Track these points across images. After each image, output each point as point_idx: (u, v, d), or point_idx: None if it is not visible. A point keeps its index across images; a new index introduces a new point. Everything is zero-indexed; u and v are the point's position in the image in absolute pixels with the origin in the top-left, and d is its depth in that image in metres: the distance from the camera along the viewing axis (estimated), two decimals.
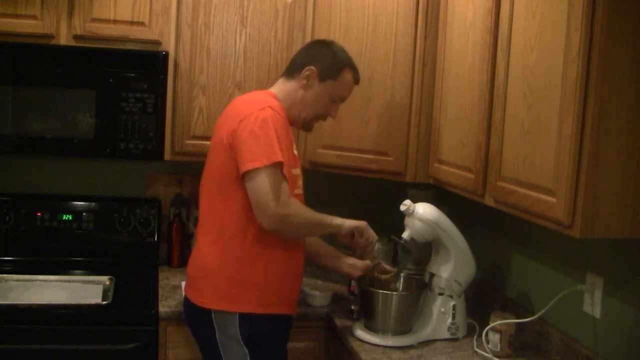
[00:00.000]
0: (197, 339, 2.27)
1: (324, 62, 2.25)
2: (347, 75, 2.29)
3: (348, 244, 2.33)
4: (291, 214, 2.07)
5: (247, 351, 2.13)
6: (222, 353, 2.15)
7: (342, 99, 2.34)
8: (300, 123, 2.32)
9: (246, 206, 2.09)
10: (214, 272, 2.15)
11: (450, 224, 2.36)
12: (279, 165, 2.04)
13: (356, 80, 2.34)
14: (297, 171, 2.23)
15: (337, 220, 2.25)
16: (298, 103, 2.26)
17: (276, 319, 2.19)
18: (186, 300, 2.26)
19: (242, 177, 2.06)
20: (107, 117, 2.66)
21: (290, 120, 2.27)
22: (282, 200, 2.04)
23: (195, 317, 2.22)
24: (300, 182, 2.25)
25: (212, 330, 2.15)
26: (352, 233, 2.27)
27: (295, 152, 2.23)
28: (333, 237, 2.36)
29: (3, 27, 2.58)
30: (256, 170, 2.02)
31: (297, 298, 2.29)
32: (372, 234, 2.32)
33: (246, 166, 2.03)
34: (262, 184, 2.02)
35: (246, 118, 2.08)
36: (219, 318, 2.14)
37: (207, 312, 2.15)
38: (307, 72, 2.24)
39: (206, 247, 2.18)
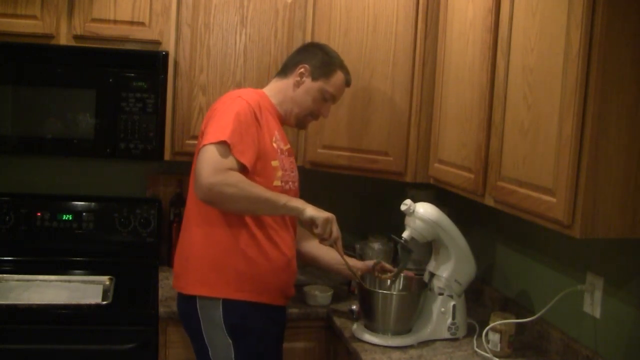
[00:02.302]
0: (187, 333, 2.28)
1: (316, 61, 2.32)
2: (339, 76, 2.36)
3: (312, 232, 2.22)
4: (222, 183, 1.99)
5: (231, 342, 2.13)
6: (208, 345, 2.16)
7: (334, 99, 2.38)
8: (293, 120, 2.35)
9: None
10: (194, 257, 2.18)
11: (451, 224, 2.36)
12: (224, 145, 2.02)
13: (347, 82, 2.40)
14: (276, 163, 2.20)
15: (295, 203, 2.12)
16: (290, 99, 2.32)
17: (258, 307, 2.17)
18: (177, 294, 2.28)
19: None
20: (107, 117, 2.67)
21: (282, 117, 2.32)
22: (215, 171, 1.99)
23: (184, 308, 2.23)
24: (280, 174, 2.20)
25: (198, 321, 2.16)
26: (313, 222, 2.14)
27: (276, 144, 2.22)
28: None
29: (3, 27, 2.58)
30: (203, 146, 2.03)
31: (284, 289, 2.26)
32: (334, 230, 2.16)
33: (199, 146, 2.07)
34: (201, 158, 2.02)
35: (217, 108, 2.15)
36: (204, 305, 2.15)
37: (192, 301, 2.16)
38: (300, 70, 2.31)
39: (188, 234, 2.22)
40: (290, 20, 2.79)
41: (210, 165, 2.00)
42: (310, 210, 2.12)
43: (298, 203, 2.13)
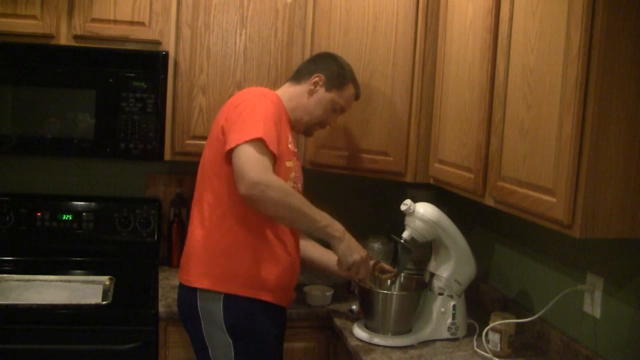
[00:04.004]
0: (187, 330, 2.27)
1: (331, 72, 2.36)
2: (350, 89, 2.41)
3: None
4: (269, 185, 1.99)
5: (231, 341, 2.13)
6: (207, 344, 2.16)
7: (343, 111, 2.43)
8: (302, 127, 2.38)
9: (233, 189, 2.10)
10: (200, 251, 2.17)
11: (451, 224, 2.36)
12: (261, 141, 2.03)
13: (357, 96, 2.45)
14: (290, 164, 2.22)
15: (333, 232, 2.12)
16: (301, 107, 2.34)
17: (260, 305, 2.16)
18: (179, 288, 2.27)
19: (228, 157, 2.07)
20: (107, 117, 2.67)
21: (291, 123, 2.33)
22: (260, 169, 2.00)
23: (184, 301, 2.23)
24: (293, 175, 2.24)
25: (198, 318, 2.16)
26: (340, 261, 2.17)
27: (291, 146, 2.24)
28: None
29: (3, 27, 2.58)
30: (238, 146, 2.02)
31: (287, 290, 2.26)
32: (360, 271, 2.17)
33: (230, 145, 2.05)
34: (242, 155, 2.01)
35: (241, 103, 2.14)
36: (204, 300, 2.14)
37: (193, 295, 2.16)
38: (315, 79, 2.34)
39: (195, 228, 2.21)
40: (290, 20, 2.79)
41: (254, 162, 2.00)
42: (344, 248, 2.13)
43: (337, 232, 2.12)
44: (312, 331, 2.57)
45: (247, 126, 2.06)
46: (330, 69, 2.36)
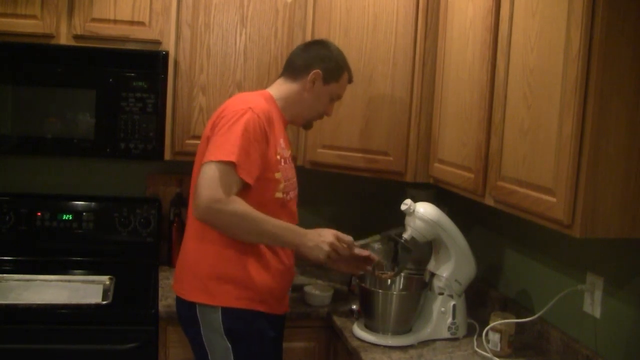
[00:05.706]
0: (186, 335, 2.27)
1: (328, 65, 2.28)
2: (346, 76, 2.36)
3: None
4: (222, 210, 1.98)
5: (229, 345, 2.12)
6: (207, 348, 2.15)
7: (339, 98, 2.40)
8: (301, 122, 2.36)
9: None
10: (194, 265, 2.16)
11: (451, 224, 2.36)
12: (231, 165, 2.00)
13: (351, 80, 2.41)
14: (279, 175, 2.17)
15: (297, 236, 2.10)
16: (299, 103, 2.29)
17: (257, 314, 2.16)
18: (176, 297, 2.27)
19: None
20: (107, 117, 2.67)
21: (288, 119, 2.30)
22: (218, 194, 1.97)
23: (183, 313, 2.22)
24: (282, 186, 2.18)
25: (197, 324, 2.15)
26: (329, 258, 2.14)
27: (279, 156, 2.18)
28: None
29: (3, 27, 2.58)
30: (208, 162, 2.00)
31: (281, 299, 2.25)
32: (339, 252, 2.14)
33: (206, 158, 2.03)
34: (205, 174, 1.99)
35: (225, 116, 2.09)
36: (203, 311, 2.14)
37: (192, 307, 2.15)
38: (313, 76, 2.26)
39: (189, 240, 2.21)
40: (290, 19, 2.79)
41: (212, 186, 1.97)
42: (312, 245, 2.10)
43: (298, 237, 2.11)
44: (312, 331, 2.57)
45: (223, 145, 2.02)
46: (326, 61, 2.28)
